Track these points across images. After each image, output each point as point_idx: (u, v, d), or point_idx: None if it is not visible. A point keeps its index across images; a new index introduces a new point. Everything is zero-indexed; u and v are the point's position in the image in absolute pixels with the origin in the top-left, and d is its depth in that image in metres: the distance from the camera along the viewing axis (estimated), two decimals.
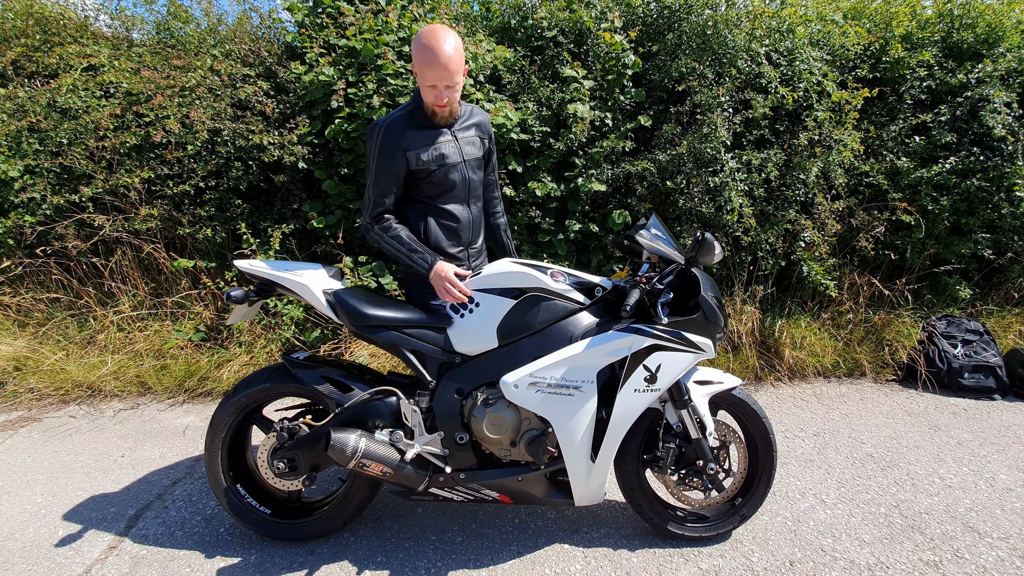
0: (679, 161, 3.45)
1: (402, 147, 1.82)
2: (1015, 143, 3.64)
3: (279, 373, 1.92)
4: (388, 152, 1.83)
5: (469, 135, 1.97)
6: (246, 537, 2.05)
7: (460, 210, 1.98)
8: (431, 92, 1.76)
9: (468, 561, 1.93)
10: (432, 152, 1.86)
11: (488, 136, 2.06)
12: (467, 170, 1.95)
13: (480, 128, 2.02)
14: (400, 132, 1.82)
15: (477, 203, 2.06)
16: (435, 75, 1.71)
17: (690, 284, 1.85)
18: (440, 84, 1.73)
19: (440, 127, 1.89)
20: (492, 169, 2.18)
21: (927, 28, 3.96)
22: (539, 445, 1.79)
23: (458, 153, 1.92)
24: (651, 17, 3.79)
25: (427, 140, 1.85)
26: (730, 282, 3.67)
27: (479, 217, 2.09)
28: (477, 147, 1.99)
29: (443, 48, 1.68)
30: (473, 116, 2.00)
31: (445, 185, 1.92)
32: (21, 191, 3.31)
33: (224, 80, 3.43)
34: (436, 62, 1.68)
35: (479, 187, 2.05)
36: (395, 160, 1.83)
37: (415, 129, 1.84)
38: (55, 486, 2.40)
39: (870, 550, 1.99)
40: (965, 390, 3.36)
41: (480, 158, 2.01)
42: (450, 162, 1.89)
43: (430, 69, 1.70)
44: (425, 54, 1.69)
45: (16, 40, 3.85)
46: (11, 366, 3.29)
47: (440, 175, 1.89)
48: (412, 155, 1.83)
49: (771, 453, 2.00)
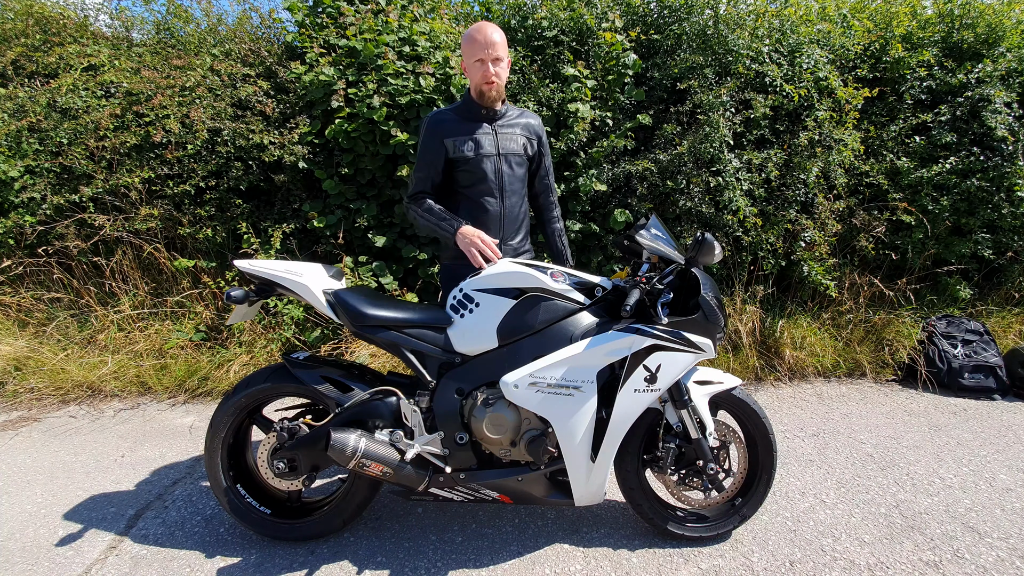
0: (679, 161, 3.45)
1: (441, 135, 1.99)
2: (1015, 143, 3.64)
3: (279, 373, 1.92)
4: (429, 139, 2.00)
5: (512, 132, 2.06)
6: (246, 537, 2.05)
7: (491, 201, 2.06)
8: (479, 69, 1.91)
9: (468, 561, 1.93)
10: (468, 141, 1.99)
11: (537, 138, 2.14)
12: (501, 163, 2.03)
13: (528, 129, 2.11)
14: (442, 122, 2.01)
15: (513, 198, 2.09)
16: (478, 50, 1.89)
17: (690, 284, 1.85)
18: (487, 56, 1.89)
19: (482, 120, 2.02)
20: (545, 173, 2.22)
21: (927, 28, 3.96)
22: (539, 445, 1.79)
23: (494, 145, 2.02)
24: (651, 17, 3.79)
25: (466, 130, 2.00)
26: (730, 282, 3.67)
27: (516, 213, 2.12)
28: (518, 144, 2.07)
29: (486, 29, 1.90)
30: (523, 117, 2.12)
31: (477, 174, 2.02)
32: (21, 191, 3.31)
33: (224, 80, 3.44)
34: (480, 39, 1.88)
35: (516, 183, 2.09)
36: (435, 147, 2.00)
37: (458, 121, 2.01)
38: (55, 486, 2.40)
39: (870, 550, 1.99)
40: (965, 390, 3.36)
41: (521, 155, 2.08)
42: (484, 152, 2.00)
43: (476, 45, 1.89)
44: (471, 35, 1.90)
45: (16, 40, 3.86)
46: (11, 366, 3.29)
47: (473, 164, 2.00)
48: (449, 143, 1.99)
49: (771, 453, 2.00)
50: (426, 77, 3.13)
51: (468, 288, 1.85)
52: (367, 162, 3.31)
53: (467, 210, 2.06)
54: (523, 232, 2.18)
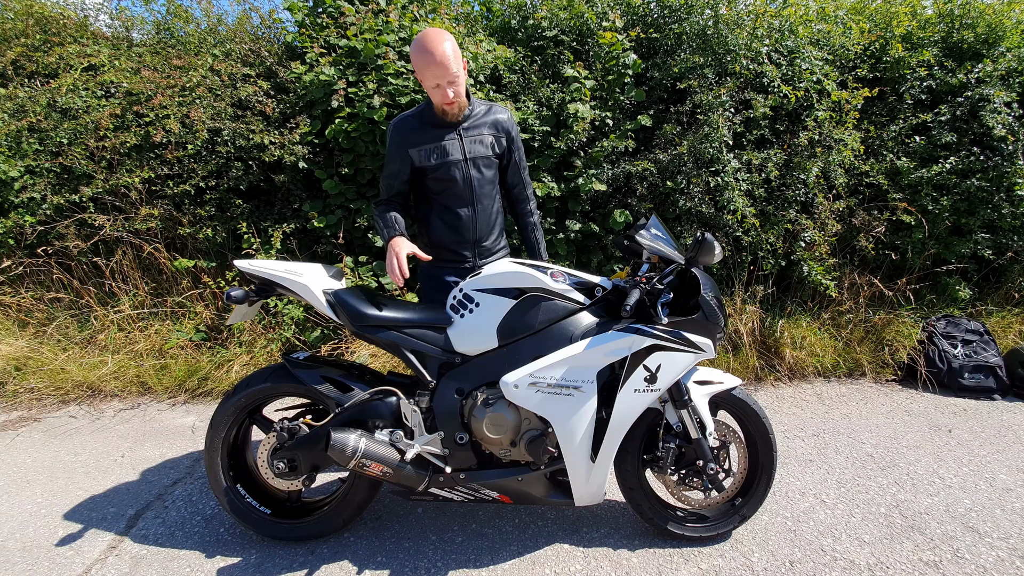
0: (679, 161, 3.45)
1: (406, 145, 1.95)
2: (1015, 143, 3.64)
3: (279, 373, 1.92)
4: (394, 148, 1.97)
5: (478, 133, 2.00)
6: (246, 537, 2.05)
7: (462, 208, 2.03)
8: (437, 92, 1.85)
9: (468, 561, 1.93)
10: (433, 150, 1.95)
11: (506, 134, 2.07)
12: (469, 168, 1.99)
13: (496, 127, 2.04)
14: (406, 130, 1.95)
15: (484, 200, 2.06)
16: (435, 75, 1.80)
17: (690, 284, 1.85)
18: (442, 82, 1.81)
19: (447, 125, 1.96)
20: (516, 168, 2.16)
21: (927, 28, 3.96)
22: (539, 445, 1.79)
23: (460, 151, 1.97)
24: (651, 17, 3.79)
25: (431, 138, 1.95)
26: (730, 282, 3.67)
27: (489, 214, 2.09)
28: (486, 146, 2.02)
29: (437, 49, 1.77)
30: (490, 114, 2.05)
31: (446, 183, 1.99)
32: (21, 191, 3.31)
33: (224, 80, 3.43)
34: (433, 63, 1.78)
35: (486, 185, 2.06)
36: (399, 156, 1.97)
37: (422, 128, 1.95)
38: (55, 486, 2.40)
39: (870, 550, 1.99)
40: (965, 390, 3.36)
41: (488, 156, 2.03)
42: (451, 160, 1.96)
43: (428, 71, 1.80)
44: (422, 57, 1.79)
45: (16, 40, 3.86)
46: (11, 366, 3.29)
47: (441, 172, 1.97)
48: (415, 152, 1.95)
49: (771, 453, 2.00)
50: None
51: (468, 288, 1.85)
52: (367, 162, 3.31)
53: (439, 215, 2.05)
54: (497, 231, 2.16)
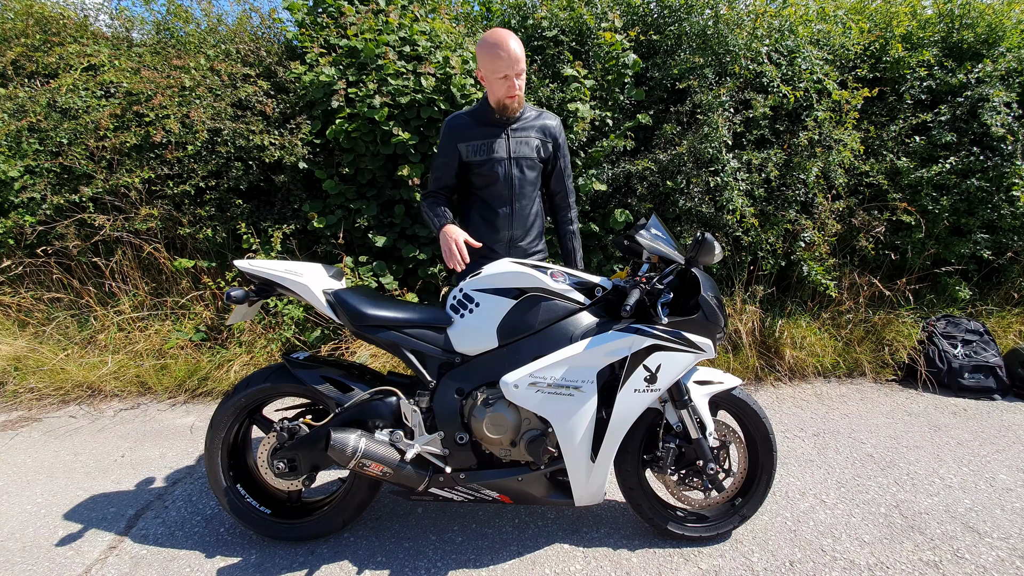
0: (679, 161, 3.45)
1: (456, 139, 2.06)
2: (1015, 143, 3.64)
3: (279, 373, 1.92)
4: (445, 142, 2.08)
5: (526, 135, 2.08)
6: (246, 537, 2.05)
7: (502, 206, 2.11)
8: (503, 84, 1.95)
9: (468, 561, 1.93)
10: (481, 146, 2.05)
11: (553, 140, 2.14)
12: (511, 167, 2.07)
13: (544, 131, 2.12)
14: (458, 126, 2.07)
15: (524, 201, 2.12)
16: (504, 66, 1.91)
17: (690, 284, 1.85)
18: (511, 72, 1.92)
19: (496, 124, 2.06)
20: (560, 175, 2.21)
21: (927, 28, 3.96)
22: (539, 445, 1.79)
23: (505, 150, 2.06)
24: (651, 17, 3.79)
25: (480, 135, 2.05)
26: (730, 282, 3.67)
27: (527, 215, 2.15)
28: (531, 148, 2.09)
29: (508, 42, 1.91)
30: (540, 119, 2.13)
31: (489, 178, 2.07)
32: (21, 191, 3.31)
33: (224, 80, 3.43)
34: (504, 54, 1.90)
35: (527, 186, 2.12)
36: (449, 149, 2.07)
37: (473, 125, 2.06)
38: (55, 486, 2.40)
39: (870, 550, 1.99)
40: (965, 390, 3.36)
41: (533, 159, 2.10)
42: (495, 157, 2.05)
43: (499, 62, 1.91)
44: (493, 50, 1.91)
45: (16, 40, 3.86)
46: (11, 366, 3.29)
47: (485, 168, 2.06)
48: (463, 147, 2.05)
49: (771, 453, 2.00)
50: (427, 77, 3.12)
51: (468, 288, 1.85)
52: (367, 162, 3.31)
53: (478, 211, 2.13)
54: (534, 233, 2.20)
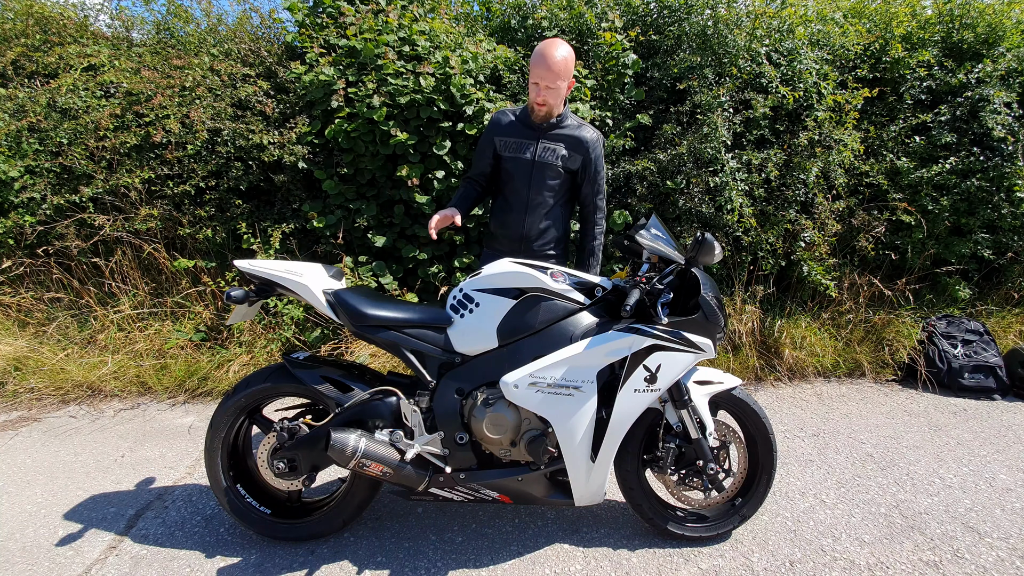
0: (679, 161, 3.45)
1: (495, 132, 2.20)
2: (1015, 143, 3.64)
3: (279, 373, 1.92)
4: (487, 131, 2.23)
5: (555, 144, 2.14)
6: (246, 537, 2.05)
7: (516, 202, 2.20)
8: (534, 90, 2.03)
9: (468, 561, 1.93)
10: (512, 143, 2.16)
11: (584, 154, 2.16)
12: (533, 170, 2.15)
13: (576, 144, 2.15)
14: (501, 120, 2.20)
15: (539, 206, 2.19)
16: (538, 74, 1.98)
17: (690, 284, 1.85)
18: (541, 83, 1.99)
19: (533, 127, 2.14)
20: (591, 188, 2.23)
21: (927, 28, 3.96)
22: (539, 445, 1.79)
23: (532, 154, 2.14)
24: (651, 17, 3.79)
25: (515, 133, 2.17)
26: (730, 282, 3.67)
27: (539, 220, 2.20)
28: (556, 156, 2.13)
29: (552, 53, 1.95)
30: (575, 131, 2.17)
31: (513, 175, 2.19)
32: (21, 191, 3.31)
33: (224, 80, 3.43)
34: (542, 63, 1.96)
35: (546, 192, 2.18)
36: (488, 139, 2.22)
37: (514, 123, 2.18)
38: (55, 486, 2.40)
39: (870, 550, 1.99)
40: (965, 390, 3.36)
41: (556, 167, 2.14)
42: (521, 157, 2.15)
43: (536, 68, 1.98)
44: (537, 56, 1.97)
45: (16, 40, 3.85)
46: (11, 366, 3.29)
47: (510, 165, 2.18)
48: (498, 140, 2.19)
49: (771, 453, 2.00)
50: (426, 77, 3.12)
51: (468, 288, 1.85)
52: (367, 162, 3.31)
53: (499, 205, 2.28)
54: (548, 238, 2.24)
